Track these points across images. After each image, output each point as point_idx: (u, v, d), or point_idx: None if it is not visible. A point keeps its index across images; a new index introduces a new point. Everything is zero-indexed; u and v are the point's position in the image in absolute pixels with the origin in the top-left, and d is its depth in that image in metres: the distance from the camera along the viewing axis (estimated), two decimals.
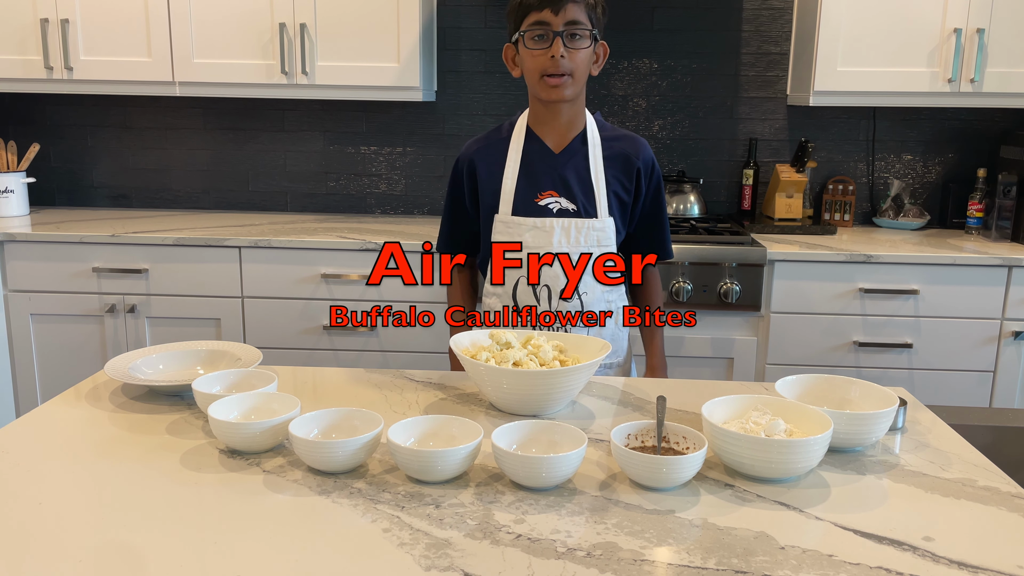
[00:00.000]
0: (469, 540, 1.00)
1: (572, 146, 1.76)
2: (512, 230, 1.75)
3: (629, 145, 1.79)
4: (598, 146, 1.76)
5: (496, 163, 1.77)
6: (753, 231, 3.03)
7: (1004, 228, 2.97)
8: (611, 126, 1.83)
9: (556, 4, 1.61)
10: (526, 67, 1.69)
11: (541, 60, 1.64)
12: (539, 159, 1.76)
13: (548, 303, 1.75)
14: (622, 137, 1.80)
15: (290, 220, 3.22)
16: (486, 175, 1.78)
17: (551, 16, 1.62)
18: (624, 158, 1.77)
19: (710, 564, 0.96)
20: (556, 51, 1.62)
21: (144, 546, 0.98)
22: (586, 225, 1.73)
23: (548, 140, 1.77)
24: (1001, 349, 2.77)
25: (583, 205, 1.74)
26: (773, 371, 2.81)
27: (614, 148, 1.77)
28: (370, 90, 3.00)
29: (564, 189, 1.74)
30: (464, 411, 1.43)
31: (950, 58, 2.86)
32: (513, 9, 1.68)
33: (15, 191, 3.14)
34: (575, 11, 1.62)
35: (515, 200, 1.75)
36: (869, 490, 1.16)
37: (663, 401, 1.29)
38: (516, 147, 1.76)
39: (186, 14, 2.96)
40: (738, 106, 3.30)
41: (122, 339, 2.91)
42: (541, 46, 1.64)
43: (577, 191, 1.74)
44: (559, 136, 1.76)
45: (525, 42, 1.65)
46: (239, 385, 1.42)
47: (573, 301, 1.74)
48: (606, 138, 1.78)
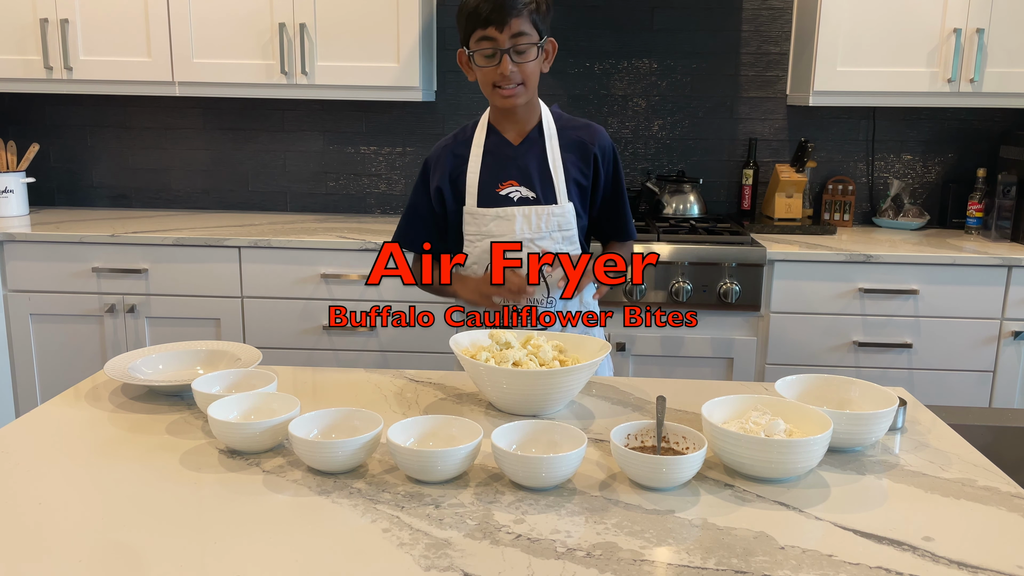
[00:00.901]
0: (469, 540, 1.00)
1: (530, 137, 1.82)
2: (478, 220, 1.81)
3: (585, 132, 1.85)
4: (554, 135, 1.82)
5: (462, 159, 1.84)
6: (753, 231, 3.03)
7: (1004, 228, 2.97)
8: (568, 116, 1.88)
9: (500, 21, 1.65)
10: (479, 78, 1.75)
11: (491, 74, 1.71)
12: (499, 151, 1.82)
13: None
14: (579, 126, 1.86)
15: (290, 220, 3.22)
16: (454, 172, 1.84)
17: (496, 33, 1.66)
18: (581, 144, 1.83)
19: (710, 564, 0.96)
20: (505, 69, 1.68)
21: (144, 546, 0.98)
22: (546, 211, 1.78)
23: (507, 134, 1.83)
24: (1001, 349, 2.77)
25: (542, 192, 1.80)
26: (773, 371, 2.81)
27: (571, 136, 1.83)
28: (370, 90, 3.00)
29: (524, 178, 1.80)
30: (464, 411, 1.43)
31: (950, 58, 2.86)
32: (460, 20, 1.73)
33: (15, 191, 3.14)
34: (519, 24, 1.66)
35: (479, 192, 1.81)
36: (869, 490, 1.16)
37: (663, 401, 1.29)
38: (478, 142, 1.83)
39: (186, 14, 2.96)
40: (738, 106, 3.30)
41: (122, 339, 2.91)
42: (490, 63, 1.70)
43: (536, 179, 1.80)
44: (517, 129, 1.83)
45: (475, 59, 1.71)
46: (239, 385, 1.42)
47: (539, 285, 1.79)
48: (563, 127, 1.84)
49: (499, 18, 1.64)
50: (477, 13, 1.66)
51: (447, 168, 1.84)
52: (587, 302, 1.82)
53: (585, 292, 1.83)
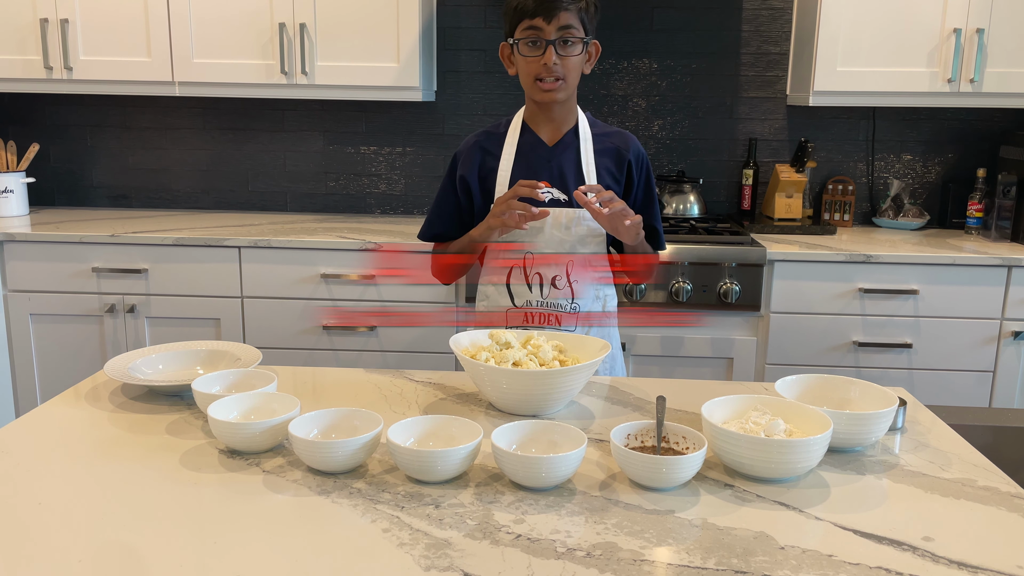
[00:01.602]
0: (469, 540, 1.00)
1: (565, 139, 1.82)
2: None
3: (619, 139, 1.85)
4: (589, 140, 1.82)
5: (493, 156, 1.83)
6: (753, 231, 3.03)
7: (1004, 228, 2.97)
8: (601, 123, 1.88)
9: (549, 12, 1.66)
10: (521, 70, 1.75)
11: (535, 66, 1.70)
12: (533, 151, 1.82)
13: (540, 291, 1.79)
14: (612, 132, 1.86)
15: (290, 220, 3.22)
16: (483, 168, 1.83)
17: (544, 24, 1.67)
18: (615, 151, 1.83)
19: (710, 564, 0.96)
20: (549, 59, 1.68)
21: (144, 546, 0.98)
22: (577, 215, 1.77)
23: (542, 134, 1.83)
24: (1001, 349, 2.77)
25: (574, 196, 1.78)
26: (773, 371, 2.81)
27: (605, 142, 1.83)
28: (370, 90, 3.00)
29: (557, 180, 1.79)
30: (464, 411, 1.43)
31: (950, 58, 2.86)
32: (508, 12, 1.73)
33: (15, 191, 3.14)
34: (567, 17, 1.67)
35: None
36: (869, 490, 1.16)
37: (663, 401, 1.29)
38: (512, 140, 1.82)
39: (186, 14, 2.96)
40: (738, 106, 3.30)
41: (122, 339, 2.91)
42: (535, 53, 1.70)
43: (570, 182, 1.79)
44: (553, 130, 1.82)
45: (519, 48, 1.71)
46: (239, 385, 1.42)
47: (564, 289, 1.78)
48: (597, 133, 1.84)
49: (548, 9, 1.65)
50: (527, 3, 1.67)
51: (475, 163, 1.83)
52: (578, 290, 1.81)
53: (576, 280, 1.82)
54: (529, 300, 1.79)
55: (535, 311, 1.79)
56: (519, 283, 1.79)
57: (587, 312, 1.81)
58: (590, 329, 1.82)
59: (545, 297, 1.79)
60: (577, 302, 1.79)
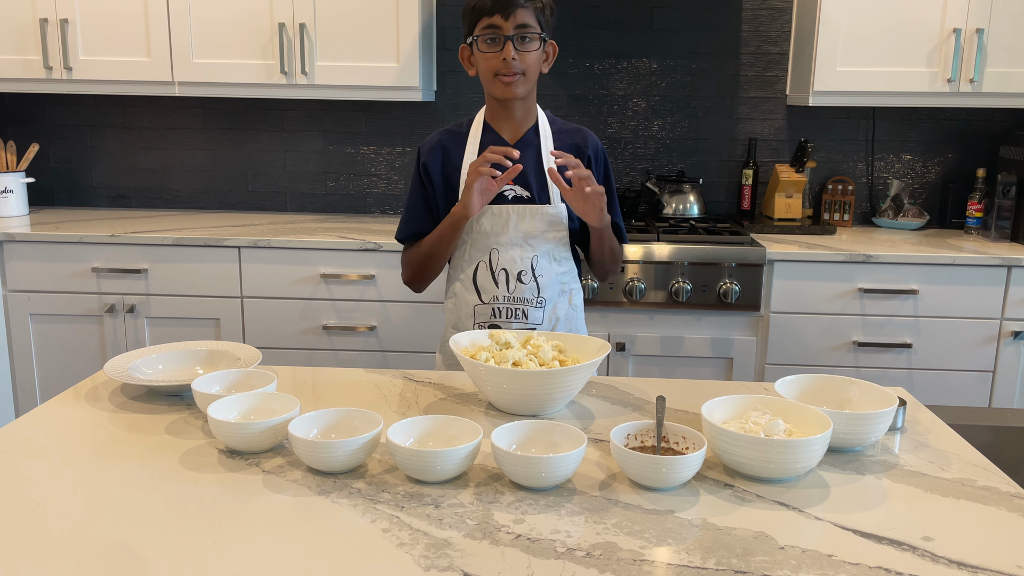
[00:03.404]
0: (469, 540, 1.00)
1: (526, 137, 1.85)
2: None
3: (578, 136, 1.89)
4: (549, 137, 1.86)
5: (456, 155, 1.87)
6: (752, 231, 3.03)
7: (1003, 228, 2.97)
8: (561, 120, 1.92)
9: (506, 9, 1.71)
10: (480, 67, 1.79)
11: (494, 62, 1.75)
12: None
13: (506, 286, 1.81)
14: (571, 130, 1.90)
15: (289, 220, 3.22)
16: (446, 166, 1.87)
17: (502, 20, 1.72)
18: (574, 148, 1.86)
19: (710, 564, 0.96)
20: (507, 54, 1.72)
21: (143, 546, 0.98)
22: (540, 211, 1.81)
23: (503, 132, 1.86)
24: (1000, 349, 2.77)
25: (536, 192, 1.83)
26: (773, 371, 2.81)
27: (564, 139, 1.87)
28: (369, 90, 3.00)
29: (519, 177, 1.82)
30: (464, 411, 1.43)
31: (949, 58, 2.86)
32: (467, 13, 1.78)
33: (14, 191, 3.14)
34: (524, 15, 1.72)
35: None
36: (869, 490, 1.16)
37: (663, 401, 1.29)
38: (474, 139, 1.86)
39: (185, 14, 2.96)
40: (737, 106, 3.30)
41: (121, 339, 2.91)
42: (493, 49, 1.74)
43: (531, 179, 1.83)
44: (513, 128, 1.86)
45: (479, 45, 1.76)
46: (238, 385, 1.42)
47: (529, 284, 1.81)
48: (557, 131, 1.88)
49: (505, 6, 1.70)
50: (485, 2, 1.72)
51: (438, 161, 1.87)
52: (543, 284, 1.82)
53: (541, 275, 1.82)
54: (496, 295, 1.82)
55: (502, 306, 1.82)
56: (486, 279, 1.82)
57: (553, 306, 1.84)
58: (557, 322, 1.85)
59: (511, 292, 1.82)
60: (543, 296, 1.82)
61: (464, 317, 1.86)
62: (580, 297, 1.91)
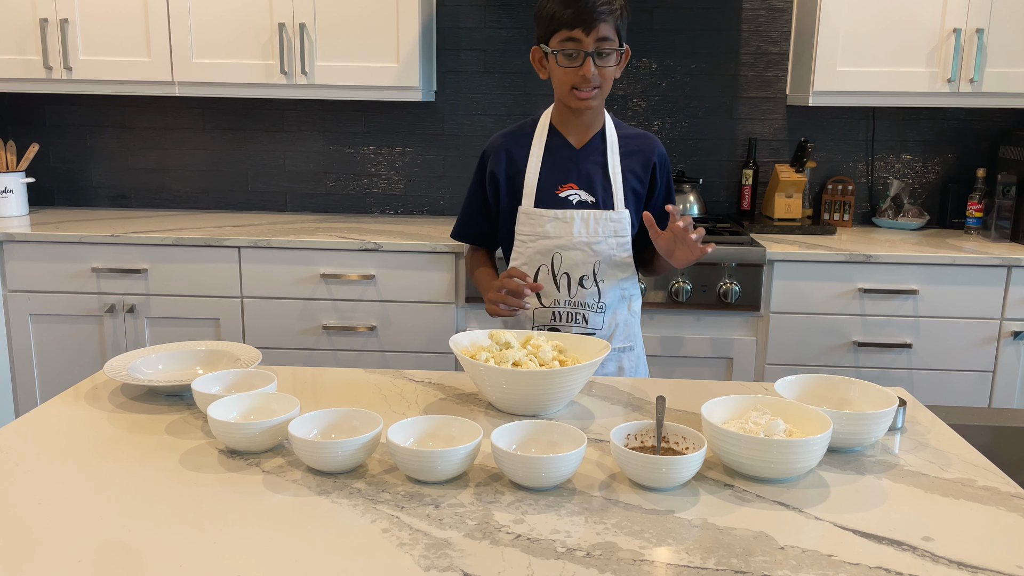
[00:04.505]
0: (468, 540, 1.00)
1: (592, 143, 1.84)
2: (534, 221, 1.82)
3: (644, 143, 1.88)
4: (616, 143, 1.84)
5: (521, 157, 1.85)
6: (752, 231, 3.03)
7: (1003, 228, 2.97)
8: (625, 125, 1.91)
9: (588, 24, 1.66)
10: (556, 78, 1.75)
11: (572, 76, 1.71)
12: (561, 154, 1.84)
13: (568, 291, 1.81)
14: (638, 135, 1.89)
15: (289, 220, 3.22)
16: (510, 169, 1.85)
17: (582, 35, 1.67)
18: (641, 154, 1.85)
19: (709, 564, 0.96)
20: (588, 71, 1.69)
21: (144, 546, 0.98)
22: (604, 216, 1.80)
23: (570, 137, 1.85)
24: (1000, 349, 2.77)
25: (602, 197, 1.82)
26: (772, 371, 2.81)
27: (631, 145, 1.86)
28: (369, 90, 3.00)
29: (584, 182, 1.82)
30: (464, 411, 1.43)
31: (949, 58, 2.86)
32: (543, 18, 1.72)
33: (14, 191, 3.14)
34: (605, 28, 1.67)
35: (537, 192, 1.82)
36: (868, 490, 1.16)
37: (663, 401, 1.29)
38: (539, 142, 1.84)
39: (185, 14, 2.96)
40: (737, 106, 3.30)
41: (121, 339, 2.91)
42: (572, 64, 1.70)
43: (596, 184, 1.82)
44: (580, 133, 1.84)
45: (557, 59, 1.71)
46: (238, 385, 1.42)
47: (591, 289, 1.81)
48: (623, 136, 1.86)
49: (588, 21, 1.65)
50: (564, 14, 1.66)
51: (503, 163, 1.86)
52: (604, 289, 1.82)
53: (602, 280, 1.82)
54: (557, 299, 1.82)
55: (563, 310, 1.82)
56: (547, 282, 1.81)
57: (613, 311, 1.84)
58: (616, 328, 1.84)
59: (573, 296, 1.81)
60: (603, 301, 1.82)
61: (523, 319, 1.84)
62: (639, 304, 1.90)
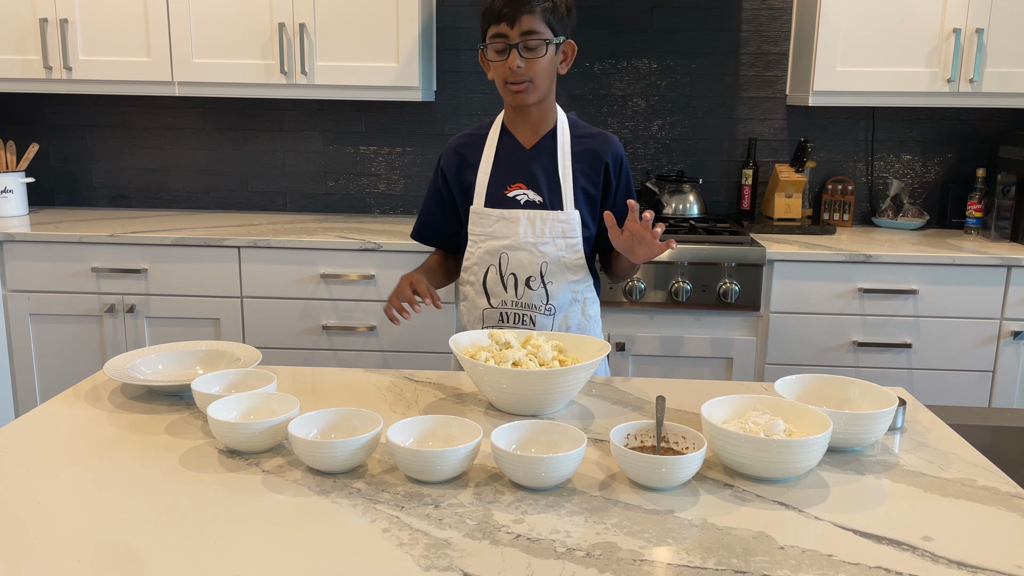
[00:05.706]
0: (468, 540, 1.00)
1: (542, 142, 1.83)
2: (483, 220, 1.83)
3: (598, 142, 1.85)
4: (567, 143, 1.83)
5: (474, 157, 1.86)
6: (752, 231, 3.03)
7: (1003, 228, 2.97)
8: (584, 124, 1.89)
9: (512, 17, 1.68)
10: (491, 74, 1.78)
11: (502, 70, 1.73)
12: (510, 154, 1.84)
13: (515, 291, 1.81)
14: (593, 134, 1.86)
15: (289, 220, 3.22)
16: (462, 170, 1.87)
17: (507, 29, 1.69)
18: (593, 154, 1.83)
19: (709, 564, 0.96)
20: (512, 63, 1.70)
21: (143, 546, 0.98)
22: (551, 217, 1.80)
23: (520, 136, 1.85)
24: (1000, 349, 2.77)
25: (549, 198, 1.81)
26: (772, 371, 2.81)
27: (583, 144, 1.84)
28: (369, 90, 3.00)
29: (532, 182, 1.81)
30: (463, 411, 1.43)
31: (949, 58, 2.86)
32: (480, 19, 1.77)
33: (14, 191, 3.14)
34: (530, 21, 1.69)
35: (487, 192, 1.83)
36: (868, 490, 1.16)
37: (662, 401, 1.29)
38: (491, 143, 1.85)
39: (185, 14, 2.96)
40: (737, 106, 3.30)
41: (121, 339, 2.91)
42: (500, 58, 1.72)
43: (544, 184, 1.81)
44: (530, 133, 1.84)
45: (487, 53, 1.74)
46: (238, 385, 1.42)
47: (538, 290, 1.80)
48: (577, 135, 1.85)
49: (511, 14, 1.68)
50: (492, 9, 1.70)
51: (455, 167, 1.87)
52: (552, 292, 1.81)
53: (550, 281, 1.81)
54: (504, 300, 1.82)
55: (510, 311, 1.82)
56: (495, 283, 1.82)
57: (564, 314, 1.82)
58: (568, 331, 1.82)
59: (520, 297, 1.81)
60: (552, 303, 1.81)
61: (474, 320, 1.86)
62: (596, 308, 1.88)
